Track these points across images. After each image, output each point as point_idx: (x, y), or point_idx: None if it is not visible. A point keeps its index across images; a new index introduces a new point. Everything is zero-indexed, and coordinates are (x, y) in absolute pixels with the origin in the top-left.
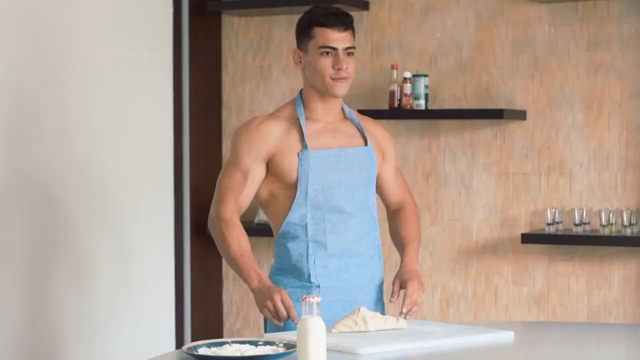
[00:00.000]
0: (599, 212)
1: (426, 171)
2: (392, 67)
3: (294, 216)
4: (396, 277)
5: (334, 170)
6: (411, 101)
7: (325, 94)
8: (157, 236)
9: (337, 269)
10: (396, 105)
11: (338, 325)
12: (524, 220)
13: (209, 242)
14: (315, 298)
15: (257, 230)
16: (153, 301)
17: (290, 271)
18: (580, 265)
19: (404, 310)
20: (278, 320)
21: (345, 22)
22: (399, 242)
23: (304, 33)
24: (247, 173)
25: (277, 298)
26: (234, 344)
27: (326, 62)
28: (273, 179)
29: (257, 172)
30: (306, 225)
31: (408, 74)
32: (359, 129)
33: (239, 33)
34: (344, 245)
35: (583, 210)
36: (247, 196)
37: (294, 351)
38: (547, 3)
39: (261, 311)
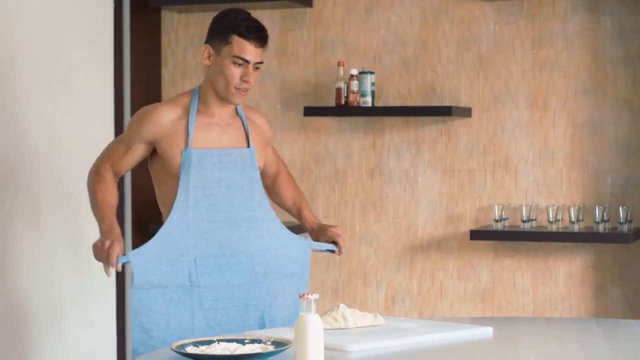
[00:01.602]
0: (547, 208)
1: (370, 168)
2: (339, 64)
3: (176, 213)
4: (317, 233)
5: (215, 169)
6: (358, 98)
7: (223, 99)
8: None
9: (217, 267)
10: (343, 102)
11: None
12: (469, 217)
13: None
14: (314, 295)
15: None
16: (94, 300)
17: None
18: (525, 261)
19: (342, 248)
20: (98, 261)
21: (263, 39)
22: (289, 204)
23: (221, 35)
24: (129, 148)
25: (107, 243)
26: (221, 342)
27: (236, 72)
28: (161, 163)
29: (137, 150)
30: (188, 223)
31: (355, 71)
32: (244, 128)
33: (178, 29)
34: (222, 244)
35: (530, 206)
36: (123, 165)
37: (285, 349)
38: (491, 1)
39: (93, 248)
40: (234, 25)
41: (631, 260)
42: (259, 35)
